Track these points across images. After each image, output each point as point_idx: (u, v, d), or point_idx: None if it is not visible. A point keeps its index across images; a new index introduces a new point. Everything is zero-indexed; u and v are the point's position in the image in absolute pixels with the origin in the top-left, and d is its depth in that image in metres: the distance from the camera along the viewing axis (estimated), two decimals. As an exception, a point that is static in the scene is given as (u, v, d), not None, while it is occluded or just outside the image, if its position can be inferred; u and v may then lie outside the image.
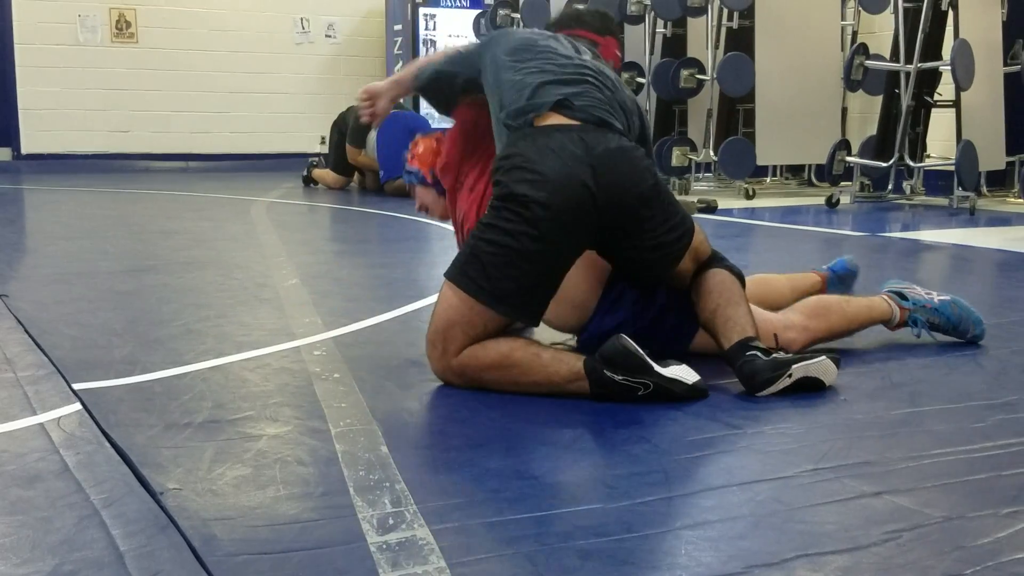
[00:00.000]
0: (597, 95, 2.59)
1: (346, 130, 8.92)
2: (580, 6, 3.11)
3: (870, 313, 2.92)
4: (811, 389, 2.45)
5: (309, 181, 9.39)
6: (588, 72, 2.63)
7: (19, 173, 10.39)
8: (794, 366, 2.42)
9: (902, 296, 2.98)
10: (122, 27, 11.18)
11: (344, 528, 1.64)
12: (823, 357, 2.47)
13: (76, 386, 2.45)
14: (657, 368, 2.36)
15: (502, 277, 2.40)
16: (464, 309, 2.41)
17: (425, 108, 11.40)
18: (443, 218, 3.11)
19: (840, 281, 3.34)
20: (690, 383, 2.38)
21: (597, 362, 2.35)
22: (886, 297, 2.97)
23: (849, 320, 2.87)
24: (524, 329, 2.77)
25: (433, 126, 9.01)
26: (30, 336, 2.99)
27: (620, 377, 2.32)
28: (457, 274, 2.45)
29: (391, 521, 1.67)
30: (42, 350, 2.83)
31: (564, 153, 2.44)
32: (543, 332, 2.80)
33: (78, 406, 2.30)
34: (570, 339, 2.82)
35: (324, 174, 9.25)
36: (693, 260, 2.62)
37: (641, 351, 2.35)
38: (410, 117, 8.76)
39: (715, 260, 2.65)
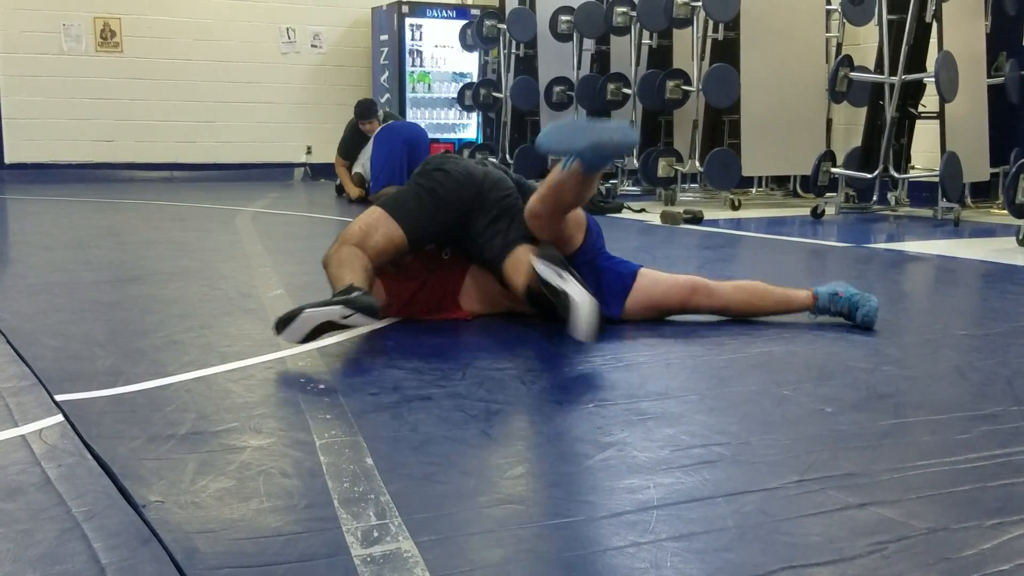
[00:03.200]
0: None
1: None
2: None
3: (789, 300, 3.41)
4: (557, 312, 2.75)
5: (341, 191, 9.40)
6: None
7: (3, 183, 10.34)
8: (569, 276, 2.77)
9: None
10: (107, 36, 11.15)
11: (328, 541, 1.63)
12: (590, 302, 2.74)
13: (58, 397, 2.44)
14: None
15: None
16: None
17: (411, 116, 11.42)
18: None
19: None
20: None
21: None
22: (811, 292, 3.40)
23: (770, 299, 3.40)
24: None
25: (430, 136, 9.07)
26: (12, 347, 2.97)
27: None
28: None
29: (376, 534, 1.66)
30: (24, 361, 2.81)
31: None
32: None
33: (60, 418, 2.28)
34: None
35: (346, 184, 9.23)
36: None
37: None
38: (406, 128, 8.72)
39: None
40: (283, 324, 2.91)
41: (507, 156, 10.45)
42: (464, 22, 11.15)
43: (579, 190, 3.11)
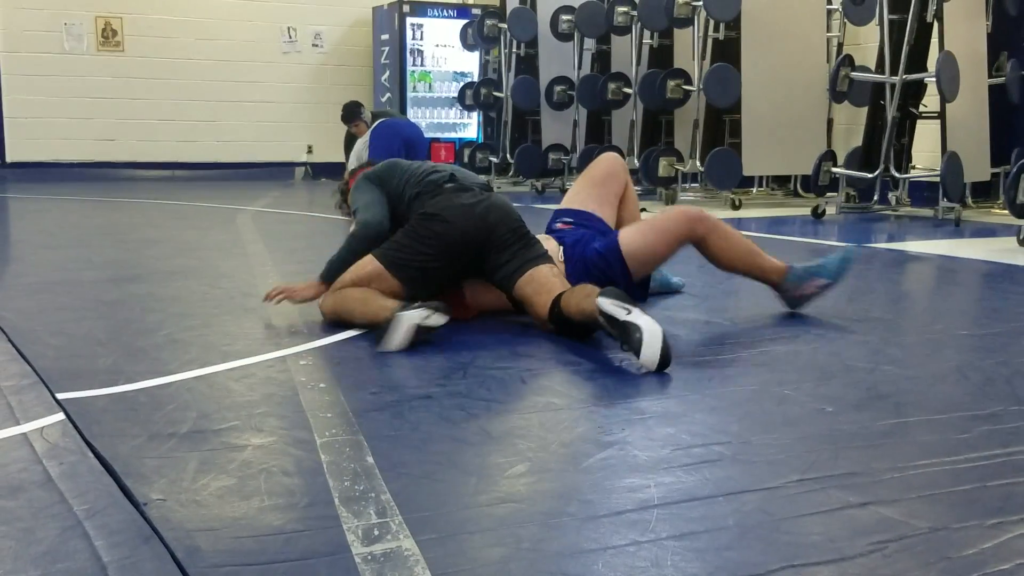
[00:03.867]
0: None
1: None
2: None
3: (763, 261, 3.57)
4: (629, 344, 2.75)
5: None
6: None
7: (4, 182, 10.34)
8: (635, 310, 2.75)
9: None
10: (108, 35, 11.16)
11: (329, 539, 1.63)
12: (661, 331, 2.71)
13: (60, 396, 2.44)
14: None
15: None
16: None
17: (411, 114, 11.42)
18: None
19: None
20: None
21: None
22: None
23: (747, 250, 3.57)
24: None
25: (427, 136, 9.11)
26: (13, 345, 2.98)
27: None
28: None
29: (376, 532, 1.66)
30: (26, 359, 2.81)
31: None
32: None
33: (61, 416, 2.28)
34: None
35: None
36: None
37: None
38: (404, 125, 8.73)
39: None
40: (381, 336, 3.00)
41: (507, 156, 10.45)
42: (465, 21, 11.14)
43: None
